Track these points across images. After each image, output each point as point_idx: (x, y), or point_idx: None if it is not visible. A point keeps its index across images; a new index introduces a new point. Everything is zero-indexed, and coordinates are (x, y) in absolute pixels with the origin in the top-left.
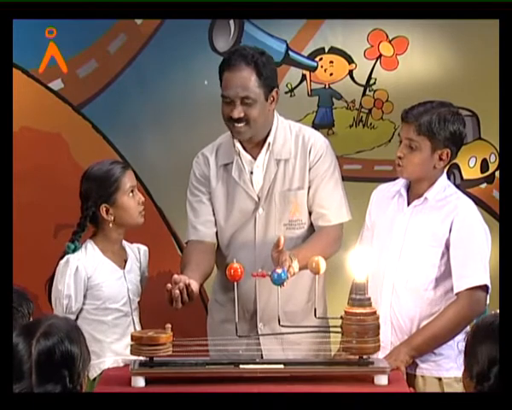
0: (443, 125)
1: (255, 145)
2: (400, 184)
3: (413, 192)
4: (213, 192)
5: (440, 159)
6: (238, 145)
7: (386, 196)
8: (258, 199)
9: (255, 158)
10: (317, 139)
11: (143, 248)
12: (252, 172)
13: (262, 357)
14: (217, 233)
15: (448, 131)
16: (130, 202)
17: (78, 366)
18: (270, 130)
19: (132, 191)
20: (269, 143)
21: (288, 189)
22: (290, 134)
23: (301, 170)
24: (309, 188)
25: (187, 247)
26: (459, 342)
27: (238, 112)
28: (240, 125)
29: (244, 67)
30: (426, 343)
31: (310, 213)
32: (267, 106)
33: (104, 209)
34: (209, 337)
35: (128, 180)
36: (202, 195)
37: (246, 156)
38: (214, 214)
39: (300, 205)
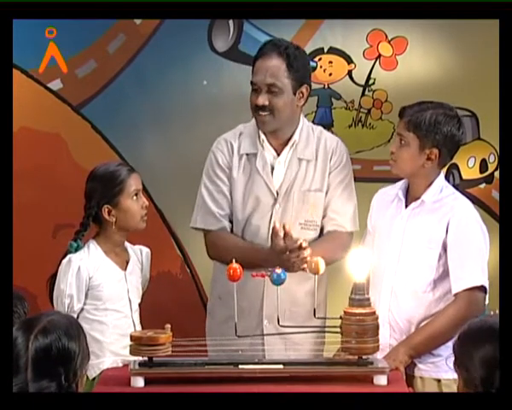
0: (433, 126)
1: (280, 142)
2: (399, 187)
3: (411, 195)
4: (233, 181)
5: (428, 158)
6: (263, 137)
7: (386, 200)
8: (277, 194)
9: (278, 154)
10: (339, 145)
11: (145, 250)
12: (273, 168)
13: (265, 356)
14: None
15: (438, 132)
16: (134, 205)
17: (75, 364)
18: (295, 128)
19: (136, 195)
20: (294, 141)
21: (308, 189)
22: (313, 135)
23: (322, 173)
24: (326, 192)
25: (228, 236)
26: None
27: (263, 99)
28: (264, 113)
29: (275, 55)
30: (424, 343)
31: (323, 217)
32: (295, 100)
33: (106, 210)
34: (210, 337)
35: (133, 183)
36: (223, 185)
37: (270, 150)
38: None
39: (317, 207)
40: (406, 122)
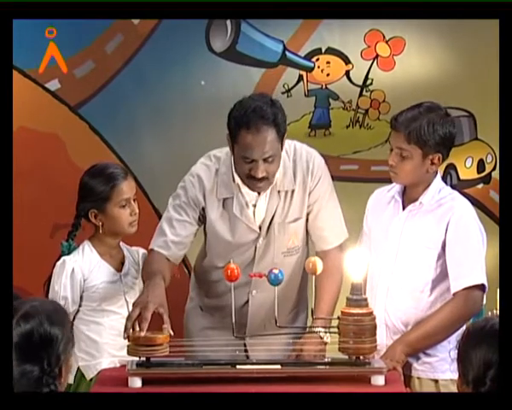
0: (432, 132)
1: None
2: (395, 189)
3: (408, 197)
4: (211, 223)
5: (432, 163)
6: (238, 180)
7: (382, 202)
8: (260, 229)
9: (258, 192)
10: (314, 161)
11: (142, 251)
12: (255, 205)
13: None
14: (203, 256)
15: (438, 137)
16: (121, 213)
17: (58, 348)
18: None
19: (126, 203)
20: (275, 180)
21: (288, 221)
22: (289, 162)
23: (301, 199)
24: (308, 213)
25: (157, 258)
26: (451, 350)
27: (261, 171)
28: (262, 183)
29: (265, 128)
30: (420, 340)
31: (307, 235)
32: (280, 151)
33: (93, 215)
34: (207, 338)
35: (124, 191)
36: (187, 217)
37: (246, 190)
38: (200, 232)
39: (298, 234)
40: (406, 135)
